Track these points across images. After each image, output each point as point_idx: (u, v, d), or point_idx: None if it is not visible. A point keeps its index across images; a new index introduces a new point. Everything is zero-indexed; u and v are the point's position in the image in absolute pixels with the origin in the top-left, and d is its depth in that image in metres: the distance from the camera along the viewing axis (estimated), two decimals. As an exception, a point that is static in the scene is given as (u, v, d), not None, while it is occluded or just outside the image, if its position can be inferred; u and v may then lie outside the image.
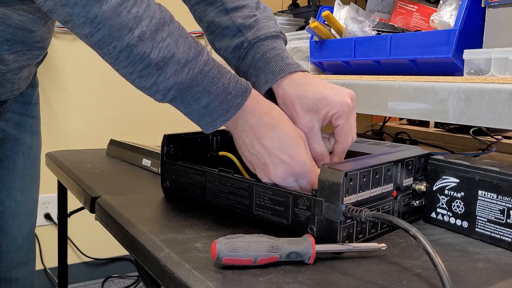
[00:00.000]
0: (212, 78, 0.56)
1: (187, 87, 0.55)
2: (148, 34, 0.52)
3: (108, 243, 2.01)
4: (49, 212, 1.99)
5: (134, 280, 2.14)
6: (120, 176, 0.95)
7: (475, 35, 0.80)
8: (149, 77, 0.54)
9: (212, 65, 0.57)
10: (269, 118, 0.59)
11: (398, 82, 0.84)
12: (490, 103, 0.68)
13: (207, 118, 0.58)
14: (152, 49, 0.52)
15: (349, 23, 1.04)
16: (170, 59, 0.53)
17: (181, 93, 0.56)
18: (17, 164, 0.89)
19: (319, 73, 1.18)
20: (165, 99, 0.57)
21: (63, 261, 1.33)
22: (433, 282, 0.46)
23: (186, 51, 0.55)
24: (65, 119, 1.96)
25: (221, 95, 0.56)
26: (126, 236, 0.60)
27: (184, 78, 0.55)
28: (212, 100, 0.56)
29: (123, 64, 0.53)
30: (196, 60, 0.55)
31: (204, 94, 0.56)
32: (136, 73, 0.54)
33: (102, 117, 1.99)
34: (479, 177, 0.59)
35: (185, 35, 0.56)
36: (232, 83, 0.57)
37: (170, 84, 0.54)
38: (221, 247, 0.47)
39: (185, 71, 0.54)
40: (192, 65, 0.55)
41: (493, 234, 0.58)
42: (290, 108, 0.64)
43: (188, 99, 0.56)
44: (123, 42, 0.51)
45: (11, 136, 0.87)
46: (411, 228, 0.46)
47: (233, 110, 0.57)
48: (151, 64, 0.53)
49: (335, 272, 0.48)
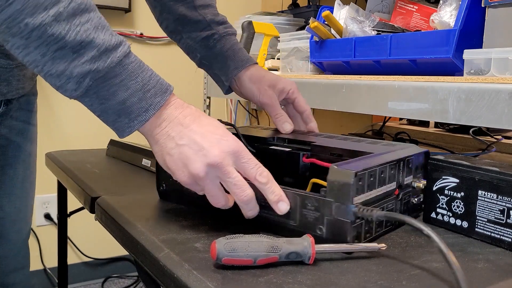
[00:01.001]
0: (131, 72, 0.53)
1: (103, 77, 0.51)
2: (65, 16, 0.49)
3: (108, 243, 2.02)
4: (49, 212, 1.99)
5: (134, 280, 2.14)
6: (120, 176, 0.95)
7: (475, 35, 0.80)
8: (63, 59, 0.49)
9: (133, 59, 0.54)
10: (192, 110, 0.57)
11: (398, 82, 0.84)
12: (490, 103, 0.68)
13: (123, 118, 0.53)
14: (68, 32, 0.49)
15: (349, 23, 1.04)
16: (88, 44, 0.50)
17: (96, 84, 0.51)
18: (18, 171, 0.89)
19: (319, 73, 1.18)
20: (78, 90, 0.51)
21: (63, 261, 1.33)
22: (432, 282, 0.46)
23: (107, 39, 0.51)
24: (65, 119, 1.96)
25: (140, 92, 0.53)
26: (126, 236, 0.60)
27: (101, 66, 0.50)
28: (129, 95, 0.53)
29: (35, 44, 0.49)
30: (116, 50, 0.52)
31: (121, 88, 0.52)
32: (49, 55, 0.49)
33: (102, 117, 1.98)
34: (479, 177, 0.59)
35: (106, 26, 0.52)
36: (153, 80, 0.54)
37: (85, 70, 0.50)
38: (220, 247, 0.47)
39: (103, 58, 0.51)
40: (111, 54, 0.51)
41: (493, 234, 0.58)
42: (256, 84, 0.83)
43: (104, 92, 0.52)
44: (36, 20, 0.47)
45: (14, 144, 0.87)
46: (424, 227, 0.46)
47: (152, 109, 0.54)
48: (66, 46, 0.49)
49: (335, 272, 0.48)
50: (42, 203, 1.97)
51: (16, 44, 0.49)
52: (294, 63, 1.24)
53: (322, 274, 0.48)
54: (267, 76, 0.85)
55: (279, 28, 1.44)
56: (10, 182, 0.88)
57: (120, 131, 0.55)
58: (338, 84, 0.97)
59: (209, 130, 0.55)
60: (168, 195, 0.72)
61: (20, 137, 0.88)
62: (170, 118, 0.55)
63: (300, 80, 1.09)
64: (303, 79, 1.09)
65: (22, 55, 0.50)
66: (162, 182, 0.72)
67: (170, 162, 0.55)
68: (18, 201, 0.90)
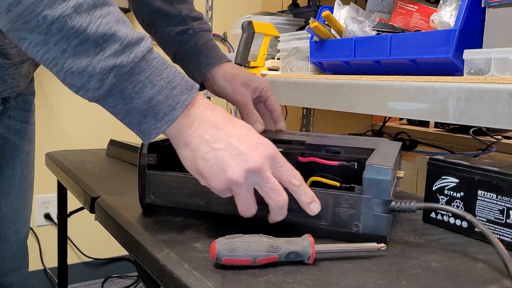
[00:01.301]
0: (156, 68, 0.49)
1: (128, 73, 0.48)
2: (85, 7, 0.46)
3: (108, 243, 2.02)
4: (49, 212, 1.99)
5: (134, 280, 2.14)
6: (120, 176, 0.95)
7: (475, 35, 0.79)
8: (85, 55, 0.46)
9: (156, 55, 0.51)
10: (222, 111, 0.54)
11: (398, 82, 0.84)
12: (490, 103, 0.68)
13: (150, 118, 0.50)
14: (90, 24, 0.46)
15: (349, 23, 1.04)
16: (111, 37, 0.47)
17: (121, 81, 0.48)
18: (16, 170, 0.89)
19: (319, 73, 1.18)
20: (101, 89, 0.47)
21: (63, 261, 1.33)
22: (432, 282, 0.46)
23: (129, 33, 0.48)
24: (65, 119, 1.96)
25: (166, 89, 0.49)
26: (126, 236, 0.60)
27: (126, 61, 0.47)
28: (156, 93, 0.49)
29: (55, 39, 0.45)
30: (139, 44, 0.49)
31: (148, 85, 0.49)
32: (70, 51, 0.46)
33: (102, 117, 1.98)
34: (478, 177, 0.59)
35: (126, 20, 0.50)
36: (178, 77, 0.51)
37: (108, 66, 0.46)
38: (220, 247, 0.47)
39: (126, 53, 0.47)
40: (134, 49, 0.48)
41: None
42: (230, 82, 0.82)
43: (129, 89, 0.48)
44: (56, 12, 0.44)
45: (11, 143, 0.87)
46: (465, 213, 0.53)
47: (180, 107, 0.50)
48: (88, 40, 0.46)
49: (334, 272, 0.48)
50: (42, 203, 1.97)
51: (34, 41, 0.46)
52: (294, 63, 1.24)
53: (322, 274, 0.48)
54: (240, 74, 0.84)
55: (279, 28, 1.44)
56: (8, 182, 0.88)
57: (146, 134, 0.51)
58: (338, 84, 0.97)
59: (244, 133, 0.52)
60: (158, 207, 0.65)
61: (18, 137, 0.88)
62: (202, 118, 0.51)
63: (300, 80, 1.09)
64: (303, 79, 1.09)
65: (41, 53, 0.47)
66: (150, 191, 0.65)
67: (205, 168, 0.50)
68: (16, 201, 0.90)
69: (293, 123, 2.05)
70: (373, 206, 0.54)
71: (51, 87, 1.87)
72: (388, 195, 0.54)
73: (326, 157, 0.68)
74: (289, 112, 2.04)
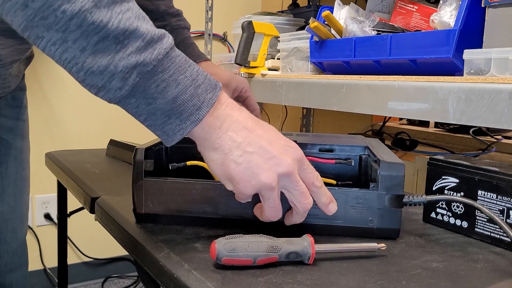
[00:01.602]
0: (179, 66, 0.47)
1: (151, 71, 0.46)
2: (105, 2, 0.43)
3: (108, 243, 2.02)
4: (49, 212, 1.99)
5: (133, 280, 2.14)
6: (120, 176, 0.95)
7: (475, 35, 0.80)
8: (106, 52, 0.44)
9: (179, 53, 0.48)
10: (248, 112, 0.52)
11: (398, 82, 0.84)
12: (490, 103, 0.68)
13: (174, 119, 0.47)
14: (111, 19, 0.44)
15: (349, 23, 1.04)
16: (132, 33, 0.44)
17: (144, 80, 0.46)
18: (10, 169, 0.88)
19: (319, 73, 1.18)
20: (123, 88, 0.45)
21: (63, 261, 1.33)
22: (432, 282, 0.46)
23: (151, 29, 0.46)
24: (65, 119, 1.96)
25: (190, 88, 0.47)
26: (126, 236, 0.60)
27: (149, 58, 0.45)
28: (180, 92, 0.47)
29: (74, 36, 0.43)
30: (161, 41, 0.46)
31: (172, 84, 0.46)
32: (90, 49, 0.44)
33: (102, 117, 1.99)
34: (479, 177, 0.59)
35: (146, 17, 0.47)
36: (201, 76, 0.49)
37: (131, 63, 0.44)
38: (220, 247, 0.47)
39: (149, 50, 0.45)
40: (157, 46, 0.46)
41: (493, 234, 0.58)
42: None
43: (152, 89, 0.46)
44: (75, 6, 0.42)
45: (4, 142, 0.86)
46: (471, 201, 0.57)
47: (205, 107, 0.48)
48: (109, 36, 0.44)
49: (334, 272, 0.48)
50: (42, 203, 1.97)
51: (52, 39, 0.43)
52: (294, 63, 1.24)
53: (322, 274, 0.48)
54: (220, 73, 0.85)
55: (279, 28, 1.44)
56: (2, 180, 0.87)
57: (170, 136, 0.48)
58: (338, 84, 0.97)
59: (273, 135, 0.51)
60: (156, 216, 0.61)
61: (10, 134, 0.87)
62: (231, 119, 0.49)
63: (300, 80, 1.09)
64: (303, 79, 1.09)
65: (59, 52, 0.44)
66: (148, 200, 0.60)
67: (236, 171, 0.48)
68: (12, 200, 0.89)
69: (293, 123, 2.05)
70: (387, 201, 0.56)
71: (51, 87, 1.87)
72: (402, 190, 0.56)
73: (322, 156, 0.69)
74: (289, 112, 2.04)
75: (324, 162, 0.68)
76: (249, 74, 1.33)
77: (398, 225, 0.57)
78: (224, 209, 0.59)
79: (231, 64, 1.53)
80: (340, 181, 0.66)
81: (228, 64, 1.59)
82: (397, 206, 0.57)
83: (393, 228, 0.57)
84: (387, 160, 0.57)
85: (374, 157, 0.61)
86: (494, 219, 0.53)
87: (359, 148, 0.69)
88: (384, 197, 0.56)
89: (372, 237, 0.58)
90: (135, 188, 0.60)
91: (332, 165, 0.69)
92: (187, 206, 0.60)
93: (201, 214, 0.60)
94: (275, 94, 1.18)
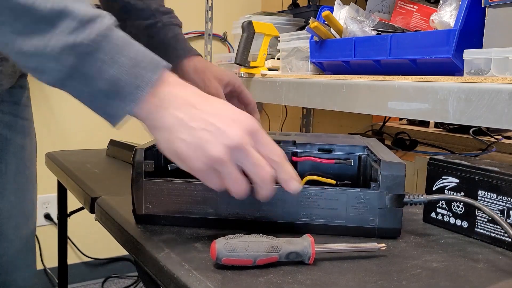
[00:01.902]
0: (118, 46, 0.47)
1: (88, 52, 0.45)
2: None
3: (108, 243, 2.02)
4: (49, 212, 1.99)
5: (134, 280, 2.14)
6: (120, 176, 0.95)
7: (475, 35, 0.79)
8: (38, 33, 0.44)
9: (120, 34, 0.48)
10: (195, 88, 0.51)
11: (398, 82, 0.84)
12: (490, 103, 0.68)
13: (113, 99, 0.47)
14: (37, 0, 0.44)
15: (349, 23, 1.04)
16: (64, 13, 0.44)
17: (80, 61, 0.45)
18: (10, 165, 0.87)
19: (319, 73, 1.18)
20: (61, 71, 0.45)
21: (63, 261, 1.33)
22: (433, 282, 0.46)
23: (85, 9, 0.46)
24: (65, 119, 1.95)
25: (129, 67, 0.47)
26: (126, 236, 0.60)
27: (85, 39, 0.45)
28: (118, 72, 0.46)
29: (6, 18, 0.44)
30: (97, 22, 0.46)
31: (109, 64, 0.46)
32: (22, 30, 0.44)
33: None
34: (479, 177, 0.59)
35: None
36: (143, 55, 0.48)
37: (64, 44, 0.44)
38: (220, 247, 0.47)
39: (83, 30, 0.45)
40: (95, 26, 0.46)
41: (493, 234, 0.58)
42: (201, 75, 0.83)
43: (90, 70, 0.46)
44: None
45: (1, 137, 0.86)
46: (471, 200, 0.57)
47: (145, 85, 0.47)
48: (39, 17, 0.44)
49: (334, 272, 0.48)
50: (42, 203, 1.97)
51: None
52: (294, 63, 1.24)
53: (322, 274, 0.48)
54: (212, 68, 0.85)
55: (279, 28, 1.44)
56: (2, 176, 0.87)
57: (113, 117, 0.48)
58: (338, 84, 0.97)
59: (221, 108, 0.50)
60: (155, 218, 0.60)
61: (8, 130, 0.86)
62: (172, 96, 0.48)
63: (300, 80, 1.09)
64: (303, 79, 1.09)
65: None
66: (148, 201, 0.60)
67: (183, 148, 0.47)
68: (13, 196, 0.89)
69: (293, 123, 2.05)
70: (388, 201, 0.57)
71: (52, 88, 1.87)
72: (403, 190, 0.57)
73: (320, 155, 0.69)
74: (289, 112, 2.04)
75: (324, 162, 0.68)
76: (249, 74, 1.33)
77: (399, 224, 0.58)
78: (224, 209, 0.59)
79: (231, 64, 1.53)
80: (339, 181, 0.66)
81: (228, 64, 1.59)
82: (398, 206, 0.57)
83: (394, 227, 0.58)
84: (388, 160, 0.57)
85: (374, 157, 0.61)
86: (495, 218, 0.53)
87: (358, 148, 0.69)
88: (385, 196, 0.57)
89: (373, 237, 0.58)
90: (135, 189, 0.60)
91: (332, 165, 0.69)
92: (187, 207, 0.59)
93: (201, 214, 0.59)
94: (275, 94, 1.18)
